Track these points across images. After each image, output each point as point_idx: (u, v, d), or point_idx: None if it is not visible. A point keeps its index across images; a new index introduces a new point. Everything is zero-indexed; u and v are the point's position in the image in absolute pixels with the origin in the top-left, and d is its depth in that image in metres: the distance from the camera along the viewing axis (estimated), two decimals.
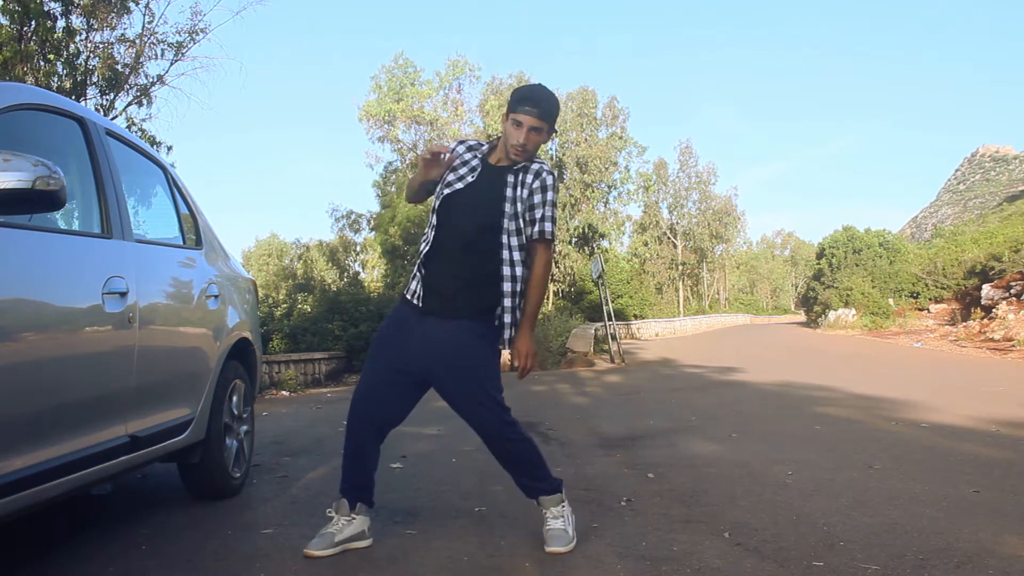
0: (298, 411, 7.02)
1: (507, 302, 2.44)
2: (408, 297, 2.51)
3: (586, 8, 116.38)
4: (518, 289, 2.45)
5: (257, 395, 3.82)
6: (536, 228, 2.46)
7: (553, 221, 2.48)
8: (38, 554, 2.42)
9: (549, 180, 2.46)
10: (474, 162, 2.50)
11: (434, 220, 2.46)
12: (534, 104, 2.38)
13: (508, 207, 2.42)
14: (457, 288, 2.42)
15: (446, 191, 2.45)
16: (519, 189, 2.44)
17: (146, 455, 2.54)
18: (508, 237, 2.43)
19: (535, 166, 2.46)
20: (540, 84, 2.51)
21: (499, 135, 2.55)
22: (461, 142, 2.59)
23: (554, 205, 2.48)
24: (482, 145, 2.56)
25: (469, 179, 2.46)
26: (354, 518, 2.46)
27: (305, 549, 2.40)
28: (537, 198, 2.44)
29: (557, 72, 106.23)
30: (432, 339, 2.42)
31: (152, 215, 3.22)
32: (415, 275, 2.52)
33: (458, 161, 2.51)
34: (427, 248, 2.45)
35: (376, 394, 2.48)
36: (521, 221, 2.44)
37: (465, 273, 2.42)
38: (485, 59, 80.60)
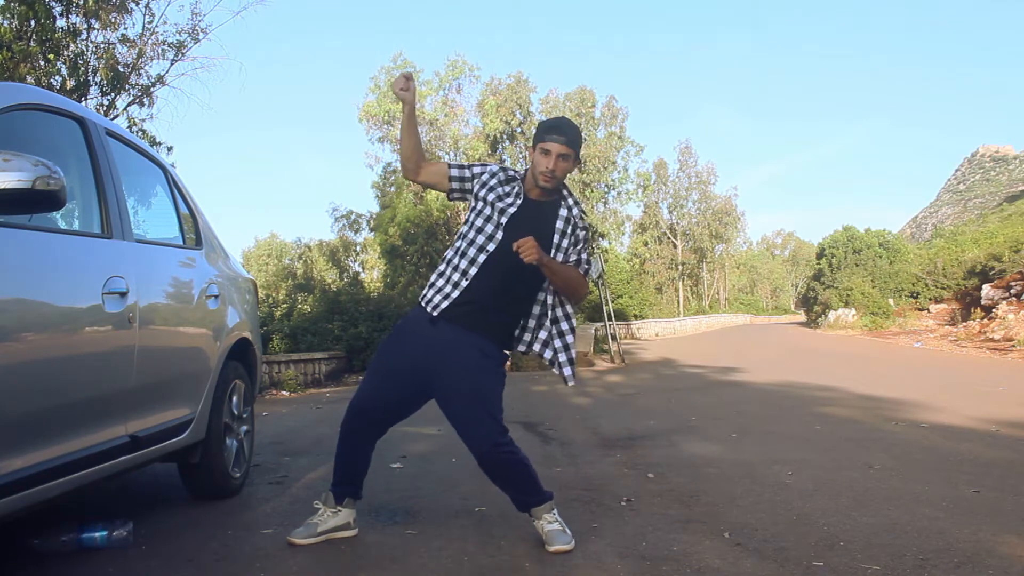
0: (298, 411, 7.02)
1: (568, 340, 2.56)
2: (424, 306, 2.51)
3: (586, 8, 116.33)
4: (565, 328, 2.57)
5: (257, 395, 3.82)
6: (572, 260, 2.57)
7: (589, 263, 2.62)
8: (38, 554, 2.41)
9: (582, 232, 2.57)
10: (515, 186, 2.53)
11: (487, 241, 2.46)
12: (561, 132, 2.46)
13: (554, 251, 2.49)
14: (491, 308, 2.45)
15: (504, 216, 2.46)
16: (565, 238, 2.51)
17: (146, 455, 2.54)
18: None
19: (579, 217, 2.55)
20: (564, 116, 2.58)
21: (526, 167, 2.60)
22: (494, 166, 2.63)
23: (587, 246, 2.62)
24: (517, 174, 2.58)
25: (517, 203, 2.49)
26: (340, 511, 2.56)
27: (289, 536, 2.51)
28: (570, 245, 2.54)
29: (556, 72, 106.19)
30: (444, 349, 2.44)
31: (152, 215, 3.22)
32: (437, 284, 2.51)
33: (492, 179, 2.54)
34: (468, 265, 2.46)
35: (376, 401, 2.51)
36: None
37: (506, 298, 2.47)
38: (484, 59, 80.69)
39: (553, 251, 2.48)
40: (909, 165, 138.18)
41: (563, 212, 2.52)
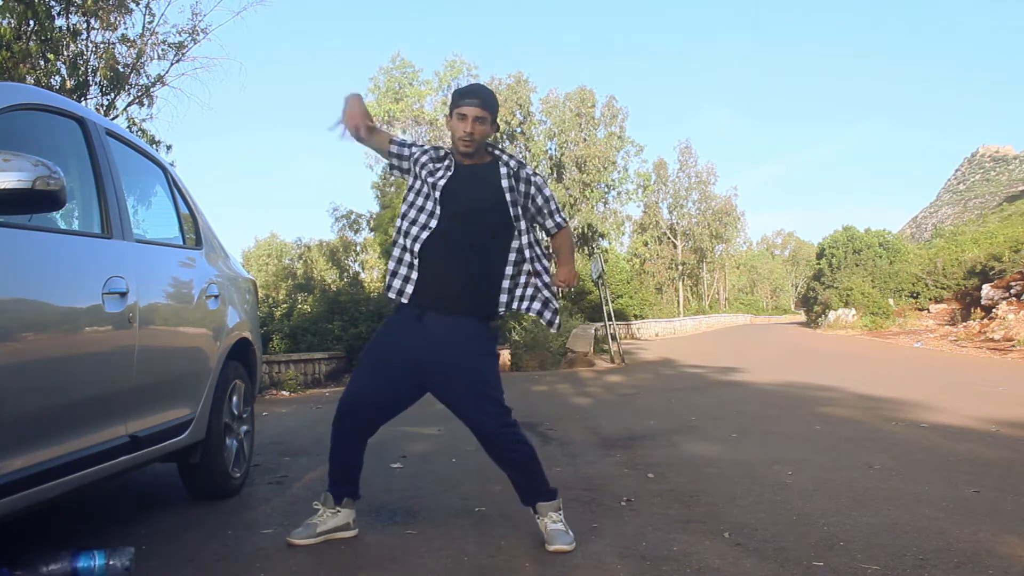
0: (298, 411, 7.02)
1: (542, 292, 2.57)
2: (397, 298, 2.50)
3: (586, 8, 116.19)
4: (547, 279, 2.59)
5: (257, 395, 3.82)
6: (554, 221, 2.63)
7: (559, 209, 2.67)
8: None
9: (538, 179, 2.60)
10: (447, 160, 2.57)
11: (428, 218, 2.47)
12: (474, 96, 2.50)
13: (514, 210, 2.51)
14: (462, 286, 2.44)
15: (437, 191, 2.48)
16: (518, 192, 2.53)
17: (146, 455, 2.54)
18: (522, 236, 2.54)
19: (524, 172, 2.58)
20: (478, 83, 2.63)
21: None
22: (428, 146, 2.67)
23: (553, 196, 2.65)
24: (448, 150, 2.60)
25: (448, 172, 2.52)
26: (339, 511, 2.56)
27: (288, 537, 2.51)
28: (540, 200, 2.59)
29: (556, 72, 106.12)
30: (433, 342, 2.43)
31: (152, 215, 3.22)
32: (399, 272, 2.50)
33: (424, 155, 2.58)
34: (412, 243, 2.46)
35: (367, 398, 2.51)
36: (534, 222, 2.60)
37: (470, 268, 2.46)
38: (483, 59, 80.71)
39: (511, 208, 2.50)
40: (909, 165, 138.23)
41: (503, 170, 2.54)
